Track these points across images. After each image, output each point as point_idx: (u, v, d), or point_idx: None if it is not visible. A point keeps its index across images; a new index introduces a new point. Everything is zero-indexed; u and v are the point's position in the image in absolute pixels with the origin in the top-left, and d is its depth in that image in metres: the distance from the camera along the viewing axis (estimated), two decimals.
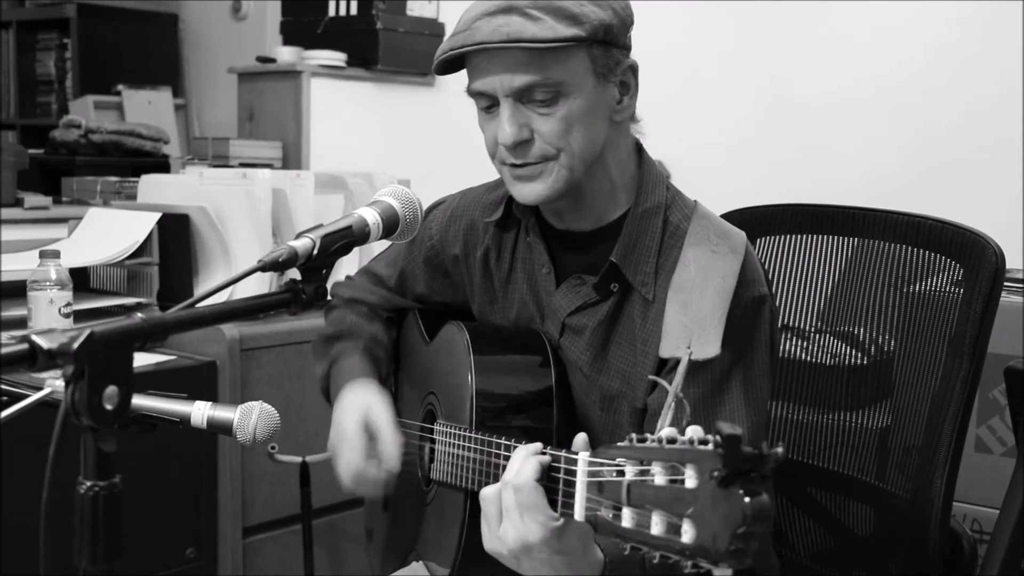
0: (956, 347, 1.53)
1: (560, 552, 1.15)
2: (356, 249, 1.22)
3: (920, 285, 1.63)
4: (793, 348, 1.74)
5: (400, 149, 4.14)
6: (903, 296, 1.65)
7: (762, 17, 4.10)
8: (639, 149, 1.47)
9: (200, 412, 1.22)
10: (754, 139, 4.11)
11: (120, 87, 4.87)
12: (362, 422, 1.50)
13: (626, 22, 1.37)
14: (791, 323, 1.74)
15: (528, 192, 1.38)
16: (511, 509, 1.15)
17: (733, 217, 1.68)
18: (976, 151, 3.63)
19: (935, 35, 3.74)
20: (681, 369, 1.10)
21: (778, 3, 4.04)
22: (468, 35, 1.32)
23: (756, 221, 1.75)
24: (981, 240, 1.55)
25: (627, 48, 1.38)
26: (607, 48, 1.34)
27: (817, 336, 1.74)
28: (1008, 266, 1.54)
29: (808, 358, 1.74)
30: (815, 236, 1.74)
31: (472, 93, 1.38)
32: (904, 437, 1.62)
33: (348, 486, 1.52)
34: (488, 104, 1.37)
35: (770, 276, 1.73)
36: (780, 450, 0.84)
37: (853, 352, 1.71)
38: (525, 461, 1.15)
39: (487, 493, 1.19)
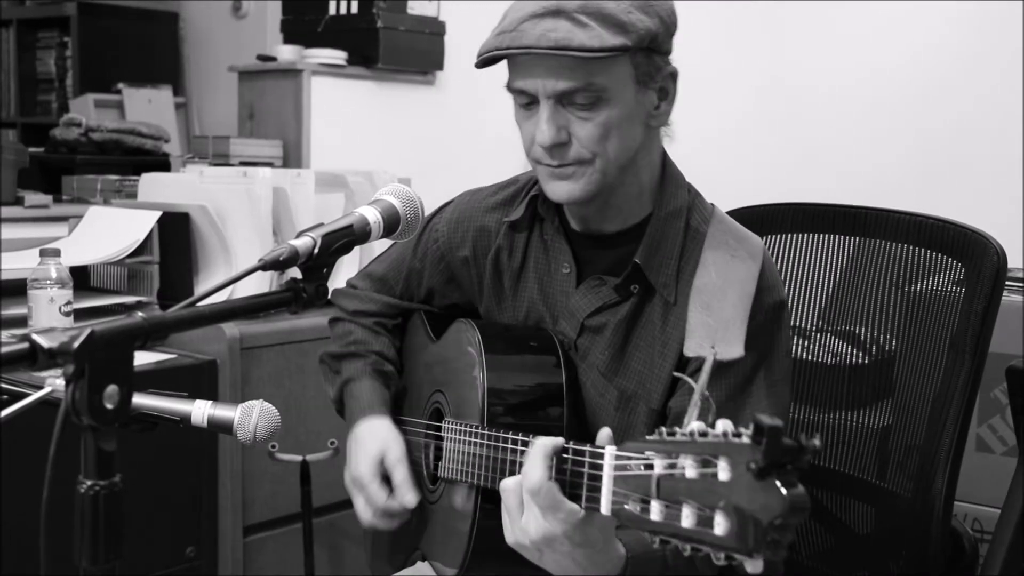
0: (957, 346, 1.53)
1: (582, 545, 1.14)
2: (356, 248, 1.22)
3: (921, 284, 1.63)
4: (794, 347, 1.74)
5: (401, 148, 4.13)
6: (904, 295, 1.65)
7: (762, 17, 4.09)
8: (662, 152, 1.47)
9: (200, 411, 1.21)
10: (754, 139, 4.11)
11: (120, 85, 4.86)
12: (376, 467, 1.53)
13: (671, 29, 1.37)
14: (792, 322, 1.74)
15: (561, 191, 1.38)
16: (531, 507, 1.15)
17: (733, 216, 1.68)
18: (976, 151, 3.62)
19: (935, 35, 3.73)
20: (706, 368, 1.11)
21: (778, 3, 4.03)
22: (514, 36, 1.31)
23: (756, 220, 1.75)
24: (982, 239, 1.55)
25: (669, 52, 1.39)
26: (650, 55, 1.34)
27: (818, 335, 1.74)
28: (1009, 265, 1.54)
29: (809, 357, 1.74)
30: (816, 235, 1.74)
31: (512, 90, 1.37)
32: (905, 436, 1.62)
33: (368, 524, 1.56)
34: (527, 101, 1.36)
35: None
36: (817, 442, 0.84)
37: (854, 351, 1.71)
38: (532, 464, 1.14)
39: (508, 484, 1.18)
